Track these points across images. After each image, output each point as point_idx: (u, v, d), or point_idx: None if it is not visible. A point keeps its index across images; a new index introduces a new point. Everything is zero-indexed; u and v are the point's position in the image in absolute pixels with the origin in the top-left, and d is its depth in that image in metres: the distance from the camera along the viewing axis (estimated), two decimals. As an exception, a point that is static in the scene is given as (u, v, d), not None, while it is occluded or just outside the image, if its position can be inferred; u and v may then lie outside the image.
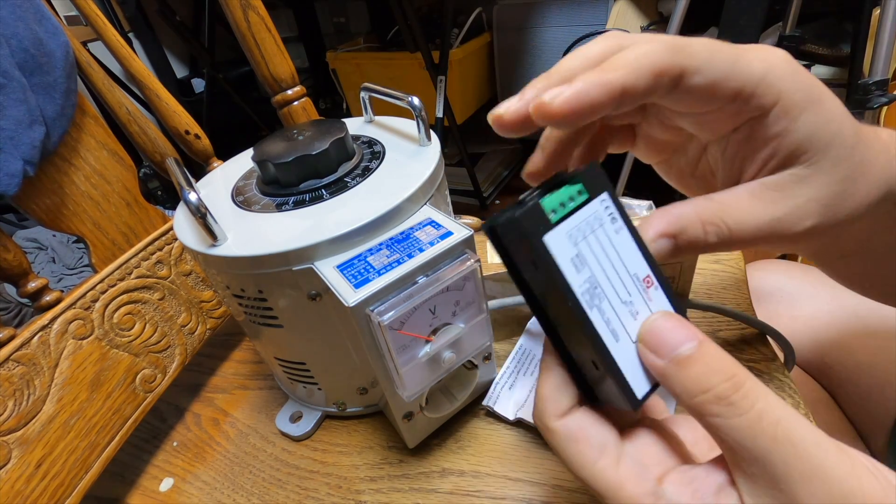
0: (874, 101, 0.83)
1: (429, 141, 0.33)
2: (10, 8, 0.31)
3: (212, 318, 0.42)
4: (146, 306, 0.37)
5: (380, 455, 0.34)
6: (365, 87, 0.37)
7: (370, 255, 0.26)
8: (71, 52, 0.36)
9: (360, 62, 1.44)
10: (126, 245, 0.40)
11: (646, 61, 0.16)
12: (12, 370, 0.29)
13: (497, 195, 1.66)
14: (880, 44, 0.80)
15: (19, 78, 0.31)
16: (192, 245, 0.28)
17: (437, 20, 1.33)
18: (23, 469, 0.29)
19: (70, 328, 0.32)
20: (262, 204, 0.31)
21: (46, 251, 1.19)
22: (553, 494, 0.29)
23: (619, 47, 0.17)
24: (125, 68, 0.41)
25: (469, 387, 0.33)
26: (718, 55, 0.17)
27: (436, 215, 0.28)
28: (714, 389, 0.15)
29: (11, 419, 0.29)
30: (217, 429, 0.40)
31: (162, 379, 0.37)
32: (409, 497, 0.31)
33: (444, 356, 0.27)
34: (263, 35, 0.42)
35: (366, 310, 0.24)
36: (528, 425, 0.33)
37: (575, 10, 1.25)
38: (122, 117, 0.42)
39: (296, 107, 0.45)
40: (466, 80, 1.40)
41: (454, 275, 0.25)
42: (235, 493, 0.34)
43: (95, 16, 0.39)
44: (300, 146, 0.30)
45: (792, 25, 0.99)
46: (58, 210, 0.36)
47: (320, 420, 0.37)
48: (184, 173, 0.29)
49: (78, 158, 0.38)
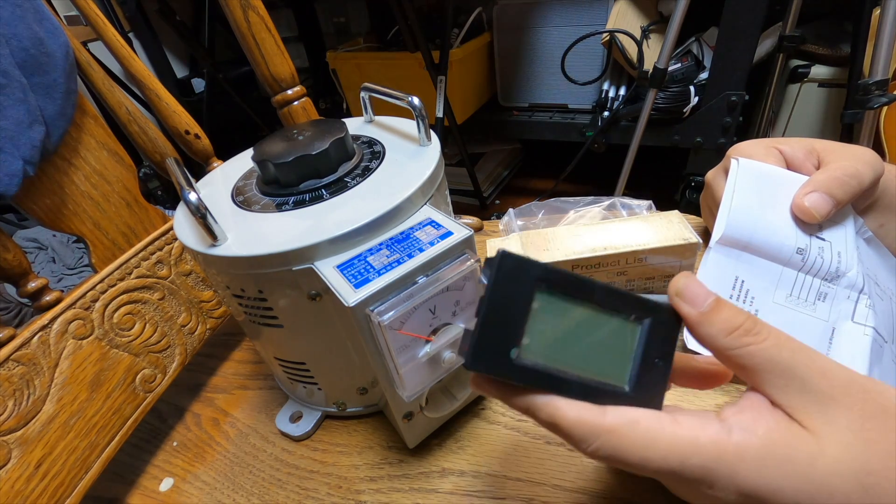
0: (874, 101, 0.83)
1: (429, 141, 0.33)
2: (10, 8, 0.31)
3: (212, 318, 0.42)
4: (146, 306, 0.37)
5: (380, 455, 0.34)
6: (365, 87, 0.37)
7: (370, 255, 0.26)
8: (71, 52, 0.36)
9: (360, 62, 1.44)
10: (126, 245, 0.40)
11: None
12: (12, 370, 0.29)
13: (497, 195, 1.66)
14: (880, 44, 0.80)
15: (19, 78, 0.31)
16: (192, 245, 0.28)
17: (437, 20, 1.33)
18: (23, 469, 0.29)
19: (70, 328, 0.32)
20: (262, 204, 0.31)
21: (46, 251, 1.19)
22: (553, 494, 0.29)
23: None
24: (125, 68, 0.41)
25: (469, 387, 0.33)
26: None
27: (436, 215, 0.28)
28: (743, 325, 0.19)
29: (11, 419, 0.29)
30: (217, 429, 0.40)
31: (162, 379, 0.37)
32: (409, 497, 0.31)
33: (444, 356, 0.27)
34: (263, 35, 0.42)
35: (366, 310, 0.24)
36: (529, 426, 0.33)
37: (575, 10, 1.25)
38: (122, 117, 0.42)
39: (296, 107, 0.45)
40: (466, 80, 1.40)
41: (454, 275, 0.25)
42: (235, 493, 0.34)
43: (95, 16, 0.39)
44: (300, 146, 0.30)
45: (792, 25, 0.99)
46: (58, 210, 0.36)
47: (320, 420, 0.37)
48: (184, 173, 0.29)
49: (78, 158, 0.38)
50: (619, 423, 0.19)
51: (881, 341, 0.30)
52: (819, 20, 1.19)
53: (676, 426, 0.19)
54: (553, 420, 0.19)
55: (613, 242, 0.37)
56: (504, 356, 0.19)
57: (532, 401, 0.19)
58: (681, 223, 0.37)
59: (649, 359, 0.21)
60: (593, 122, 1.32)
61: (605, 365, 0.20)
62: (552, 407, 0.19)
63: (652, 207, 0.45)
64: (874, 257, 0.33)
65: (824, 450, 0.17)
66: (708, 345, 0.20)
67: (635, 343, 0.21)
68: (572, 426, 0.19)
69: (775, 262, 0.31)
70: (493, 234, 0.53)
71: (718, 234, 0.32)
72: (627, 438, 0.18)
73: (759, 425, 0.18)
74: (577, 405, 0.19)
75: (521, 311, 0.19)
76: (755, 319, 0.19)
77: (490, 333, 0.18)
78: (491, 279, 0.18)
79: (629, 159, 1.12)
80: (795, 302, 0.31)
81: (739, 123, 1.12)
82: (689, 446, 0.18)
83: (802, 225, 0.31)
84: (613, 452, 0.18)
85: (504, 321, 0.19)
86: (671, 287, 0.21)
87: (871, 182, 0.30)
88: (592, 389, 0.20)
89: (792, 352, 0.19)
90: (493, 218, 0.58)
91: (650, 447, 0.18)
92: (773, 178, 0.32)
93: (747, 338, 0.19)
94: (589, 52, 1.24)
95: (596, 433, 0.18)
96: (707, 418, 0.19)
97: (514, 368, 0.19)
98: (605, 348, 0.20)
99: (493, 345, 0.18)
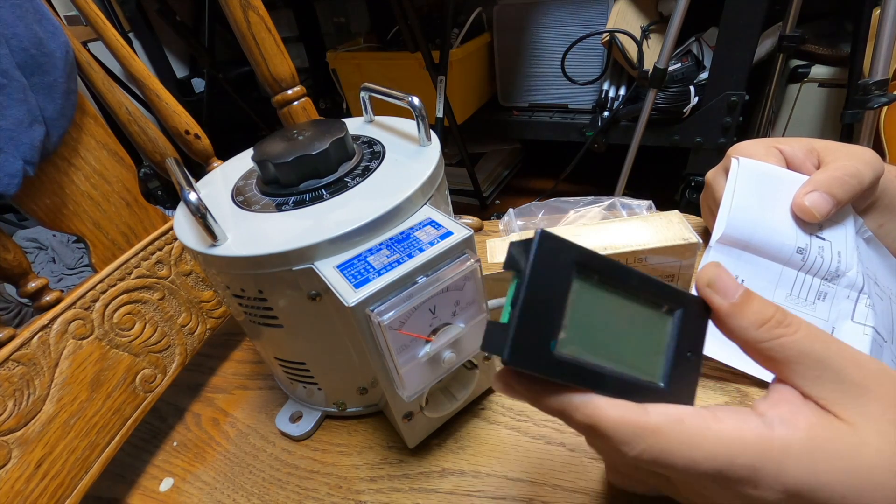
0: (874, 101, 0.83)
1: (429, 141, 0.33)
2: (10, 8, 0.31)
3: (212, 318, 0.42)
4: (146, 306, 0.37)
5: (380, 455, 0.34)
6: (365, 87, 0.37)
7: (370, 255, 0.26)
8: (71, 52, 0.36)
9: (360, 62, 1.44)
10: (126, 245, 0.40)
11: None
12: (12, 370, 0.29)
13: (497, 195, 1.66)
14: (880, 44, 0.79)
15: (19, 78, 0.31)
16: (192, 245, 0.28)
17: (437, 20, 1.33)
18: (23, 469, 0.29)
19: (70, 328, 0.32)
20: (262, 204, 0.31)
21: (46, 251, 1.19)
22: (553, 494, 0.29)
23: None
24: (125, 68, 0.41)
25: (469, 387, 0.33)
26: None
27: (436, 215, 0.28)
28: (774, 317, 0.19)
29: (11, 419, 0.29)
30: (217, 429, 0.40)
31: (162, 379, 0.37)
32: (409, 497, 0.31)
33: (444, 356, 0.27)
34: (263, 35, 0.42)
35: (366, 310, 0.24)
36: (529, 426, 0.33)
37: (575, 10, 1.25)
38: (122, 117, 0.42)
39: (296, 107, 0.45)
40: (466, 80, 1.40)
41: (454, 275, 0.25)
42: (235, 493, 0.34)
43: (95, 16, 0.39)
44: (300, 146, 0.30)
45: (792, 25, 0.99)
46: (58, 210, 0.36)
47: (320, 420, 0.37)
48: (184, 173, 0.29)
49: (78, 158, 0.38)
50: (664, 422, 0.17)
51: (881, 341, 0.30)
52: (819, 20, 1.19)
53: (720, 423, 0.18)
54: (593, 421, 0.17)
55: (613, 242, 0.37)
56: (544, 350, 0.17)
57: (569, 401, 0.18)
58: (681, 223, 0.37)
59: (682, 352, 0.20)
60: (593, 122, 1.31)
61: (639, 358, 0.19)
62: (591, 406, 0.17)
63: (652, 207, 0.45)
64: (874, 257, 0.33)
65: (865, 442, 0.17)
66: (737, 337, 0.19)
67: (667, 336, 0.20)
68: (616, 427, 0.17)
69: (775, 262, 0.32)
70: (493, 234, 0.53)
71: (718, 234, 0.32)
72: (673, 439, 0.17)
73: (799, 419, 0.18)
74: (618, 404, 0.18)
75: (560, 298, 0.17)
76: (785, 311, 0.19)
77: (529, 324, 0.16)
78: (530, 262, 0.16)
79: (629, 159, 1.12)
80: (795, 301, 0.31)
81: (739, 123, 1.12)
82: (735, 444, 0.17)
83: (802, 224, 0.31)
84: (660, 454, 0.17)
85: (543, 310, 0.17)
86: (701, 277, 0.20)
87: (871, 182, 0.30)
88: (629, 385, 0.18)
89: (824, 343, 0.18)
90: (493, 218, 0.58)
91: (697, 447, 0.17)
92: (773, 178, 0.32)
93: (779, 329, 0.18)
94: (589, 52, 1.24)
95: (641, 434, 0.17)
96: (745, 414, 0.18)
97: (555, 364, 0.17)
98: (640, 340, 0.19)
99: (533, 337, 0.16)
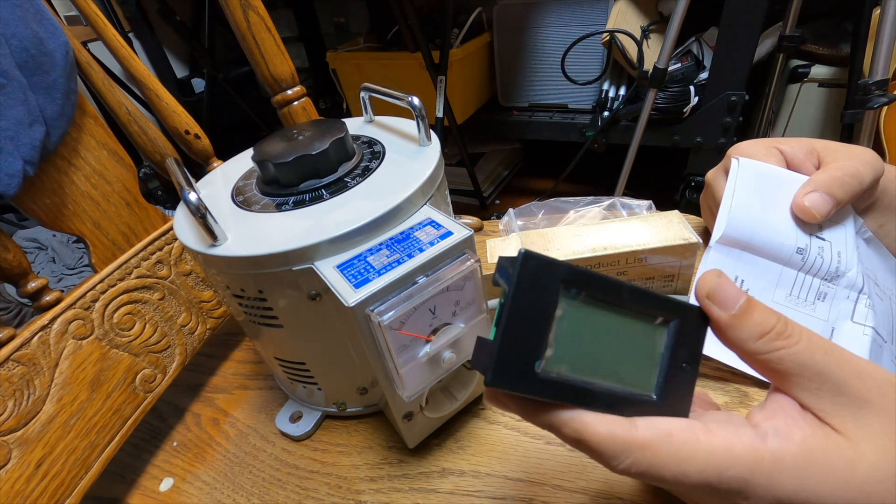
0: (874, 101, 0.83)
1: (429, 141, 0.33)
2: (10, 8, 0.31)
3: (212, 318, 0.42)
4: (146, 306, 0.37)
5: (380, 455, 0.34)
6: (365, 87, 0.37)
7: (370, 255, 0.26)
8: (71, 52, 0.36)
9: (360, 62, 1.44)
10: (126, 245, 0.40)
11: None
12: (12, 370, 0.29)
13: (497, 195, 1.66)
14: (880, 44, 0.79)
15: (19, 78, 0.31)
16: (192, 245, 0.28)
17: (437, 20, 1.33)
18: (23, 469, 0.29)
19: (70, 328, 0.32)
20: (262, 204, 0.31)
21: (46, 251, 1.19)
22: (553, 494, 0.29)
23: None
24: (125, 68, 0.41)
25: (469, 387, 0.33)
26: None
27: (436, 215, 0.28)
28: (775, 328, 0.18)
29: (11, 419, 0.29)
30: (217, 429, 0.40)
31: (162, 379, 0.37)
32: (409, 497, 0.31)
33: (444, 356, 0.27)
34: (263, 35, 0.42)
35: (366, 310, 0.24)
36: (529, 426, 0.33)
37: (575, 10, 1.25)
38: (122, 117, 0.42)
39: (296, 107, 0.45)
40: (466, 80, 1.40)
41: (454, 275, 0.25)
42: (235, 493, 0.34)
43: (95, 16, 0.39)
44: (300, 146, 0.30)
45: (792, 25, 0.99)
46: (58, 210, 0.36)
47: (320, 420, 0.37)
48: (184, 173, 0.29)
49: (78, 158, 0.38)
50: (651, 436, 0.17)
51: (881, 341, 0.30)
52: (819, 20, 1.19)
53: (710, 436, 0.18)
54: (581, 436, 0.17)
55: (613, 242, 0.37)
56: (528, 370, 0.17)
57: (556, 417, 0.18)
58: (681, 223, 0.37)
59: (676, 364, 0.19)
60: (593, 122, 1.32)
61: (630, 372, 0.19)
62: (579, 422, 0.17)
63: (652, 207, 0.45)
64: (874, 257, 0.33)
65: (862, 455, 0.17)
66: (737, 348, 0.19)
67: (661, 347, 0.19)
68: (603, 442, 0.17)
69: (775, 262, 0.32)
70: (493, 234, 0.53)
71: (718, 234, 0.32)
72: (662, 453, 0.17)
73: (794, 431, 0.18)
74: (605, 419, 0.17)
75: (545, 317, 0.17)
76: (786, 321, 0.18)
77: (512, 345, 0.16)
78: (513, 283, 0.16)
79: (629, 159, 1.12)
80: (795, 302, 0.31)
81: (739, 123, 1.12)
82: (725, 457, 0.17)
83: (802, 225, 0.31)
84: (648, 468, 0.17)
85: (527, 330, 0.17)
86: (701, 287, 0.19)
87: (871, 182, 0.30)
88: (619, 399, 0.18)
89: (825, 354, 0.18)
90: (493, 218, 0.58)
91: (686, 461, 0.17)
92: (773, 178, 0.32)
93: (779, 341, 0.18)
94: (589, 52, 1.24)
95: (628, 449, 0.17)
96: (738, 424, 0.18)
97: (540, 383, 0.17)
98: (631, 354, 0.19)
99: (516, 358, 0.17)
